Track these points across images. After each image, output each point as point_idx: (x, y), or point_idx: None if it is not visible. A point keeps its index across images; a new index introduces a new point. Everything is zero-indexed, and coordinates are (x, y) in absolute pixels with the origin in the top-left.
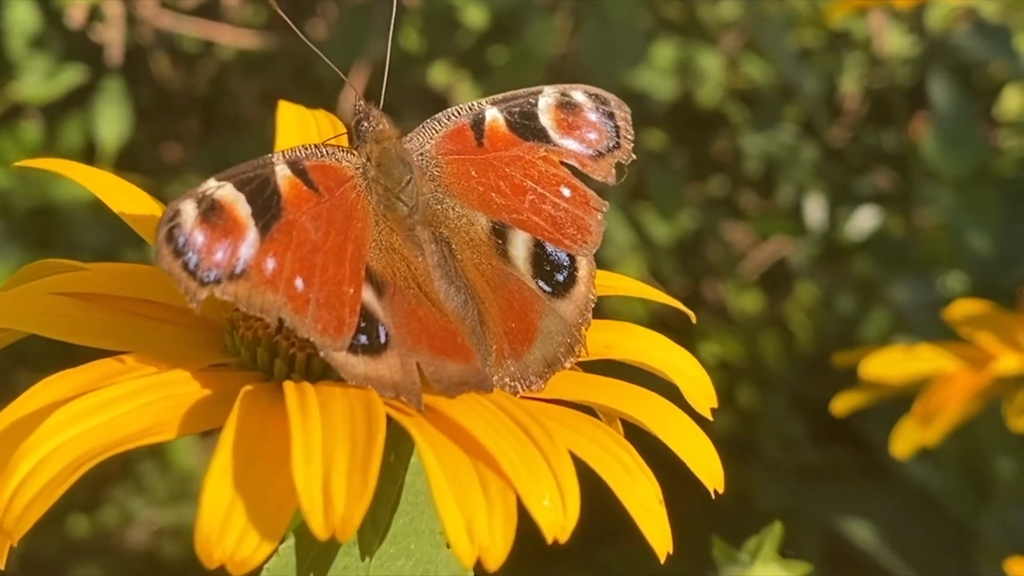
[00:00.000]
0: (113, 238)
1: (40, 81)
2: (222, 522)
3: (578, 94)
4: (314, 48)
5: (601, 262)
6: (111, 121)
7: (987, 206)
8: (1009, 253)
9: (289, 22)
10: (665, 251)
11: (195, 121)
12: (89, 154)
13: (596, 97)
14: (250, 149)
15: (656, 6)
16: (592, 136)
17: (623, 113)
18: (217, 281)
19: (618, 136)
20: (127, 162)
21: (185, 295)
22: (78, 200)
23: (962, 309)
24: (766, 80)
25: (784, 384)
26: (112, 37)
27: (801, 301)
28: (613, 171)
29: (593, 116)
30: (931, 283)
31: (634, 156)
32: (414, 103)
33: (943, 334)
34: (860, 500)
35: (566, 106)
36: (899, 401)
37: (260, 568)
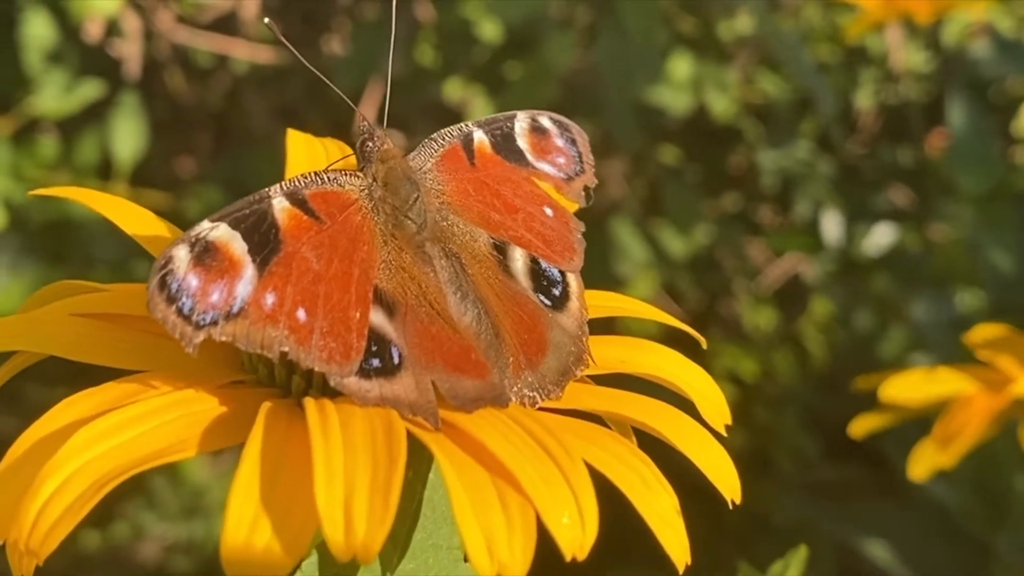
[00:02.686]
0: (128, 252)
1: (57, 96)
2: (247, 537)
3: (544, 120)
4: (320, 75)
5: (616, 278)
6: (127, 136)
7: (1006, 223)
8: None
9: (295, 52)
10: (680, 266)
11: (208, 135)
12: (105, 169)
13: (559, 124)
14: (262, 163)
15: (672, 21)
16: (561, 160)
17: (583, 140)
18: (214, 323)
19: (581, 162)
20: (141, 176)
21: (180, 341)
22: (94, 215)
23: (982, 333)
24: (781, 95)
25: (798, 401)
26: (129, 52)
27: (816, 318)
28: (582, 194)
29: (559, 142)
30: (949, 300)
31: (596, 181)
32: (428, 118)
33: (960, 351)
34: (875, 517)
35: (537, 131)
36: (915, 420)
37: None
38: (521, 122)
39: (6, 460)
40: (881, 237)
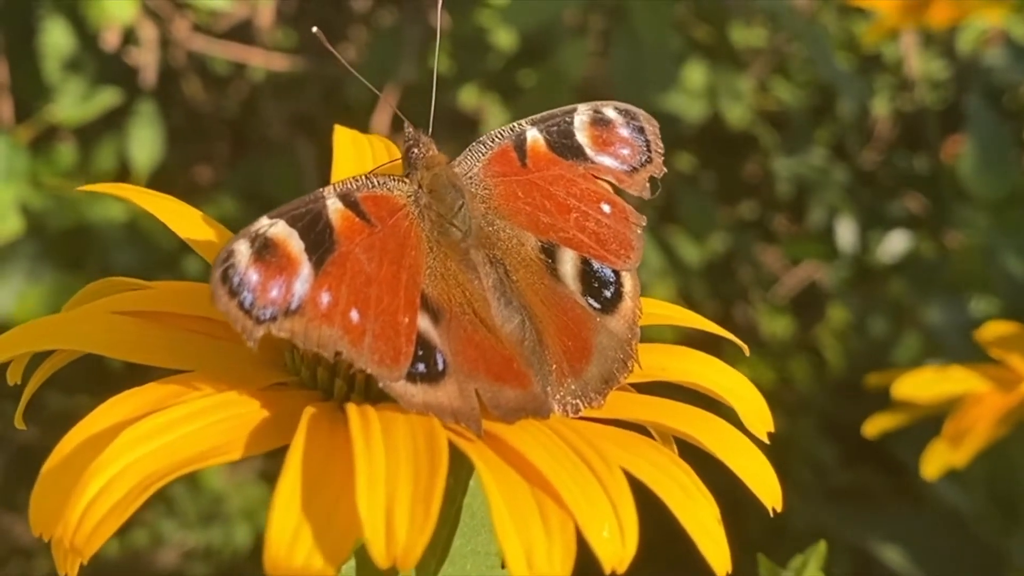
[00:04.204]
0: (147, 259)
1: (75, 104)
2: (290, 542)
3: (609, 110)
4: (357, 75)
5: None
6: (144, 143)
7: (1021, 229)
8: None
9: (331, 48)
10: (696, 274)
11: (225, 143)
12: (122, 176)
13: (626, 113)
14: (280, 171)
15: (686, 28)
16: (626, 151)
17: (652, 127)
18: (273, 318)
19: (649, 150)
20: (158, 184)
21: (242, 334)
22: (112, 221)
23: (994, 330)
24: (797, 102)
25: (815, 408)
26: (146, 60)
27: (832, 325)
28: (647, 185)
29: (625, 132)
30: (963, 306)
31: (665, 169)
32: (443, 125)
33: (976, 357)
34: (891, 522)
35: (599, 123)
36: (930, 423)
37: None
38: (582, 115)
39: (52, 459)
40: (896, 244)
